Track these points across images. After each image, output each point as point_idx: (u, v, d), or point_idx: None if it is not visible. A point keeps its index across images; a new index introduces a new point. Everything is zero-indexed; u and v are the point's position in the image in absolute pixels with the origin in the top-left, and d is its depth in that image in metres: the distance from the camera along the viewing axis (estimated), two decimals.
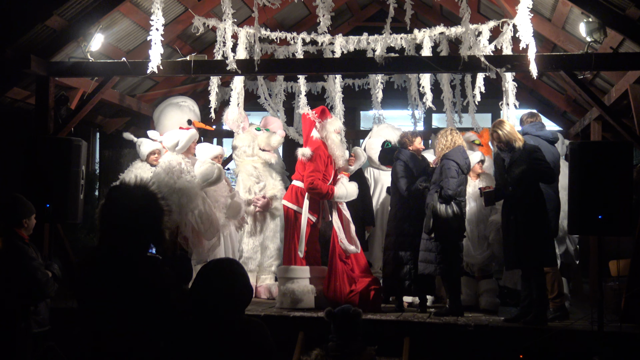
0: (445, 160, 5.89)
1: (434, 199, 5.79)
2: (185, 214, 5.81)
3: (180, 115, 7.25)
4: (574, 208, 5.23)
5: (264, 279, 7.03)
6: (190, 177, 5.97)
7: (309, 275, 6.15)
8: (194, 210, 5.85)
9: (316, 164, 6.12)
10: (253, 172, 6.95)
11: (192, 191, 5.88)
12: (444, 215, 5.73)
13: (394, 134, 7.40)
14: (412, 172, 6.14)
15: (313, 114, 6.29)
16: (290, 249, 6.18)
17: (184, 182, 5.91)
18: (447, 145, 5.94)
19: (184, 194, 5.83)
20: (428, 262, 5.86)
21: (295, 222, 6.18)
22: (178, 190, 5.84)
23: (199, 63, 6.19)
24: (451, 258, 5.82)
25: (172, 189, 5.84)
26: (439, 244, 5.81)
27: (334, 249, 6.13)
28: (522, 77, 7.44)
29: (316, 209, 6.28)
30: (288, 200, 6.30)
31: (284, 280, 6.14)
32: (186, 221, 5.80)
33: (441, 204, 5.76)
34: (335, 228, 6.14)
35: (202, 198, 6.03)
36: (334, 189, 6.16)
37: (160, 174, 5.99)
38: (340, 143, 6.31)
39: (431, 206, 5.79)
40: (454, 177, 5.81)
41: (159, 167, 6.12)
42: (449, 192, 5.76)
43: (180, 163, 6.10)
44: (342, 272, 6.08)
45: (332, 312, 4.37)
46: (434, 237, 5.79)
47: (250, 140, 7.01)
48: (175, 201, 5.80)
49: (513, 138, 5.57)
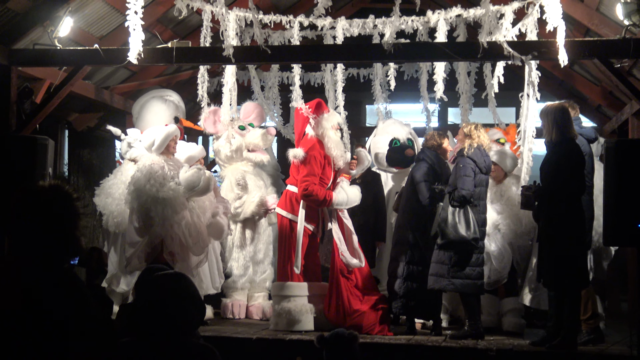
0: (460, 158, 5.90)
1: (445, 200, 5.80)
2: (170, 226, 5.77)
3: (165, 110, 7.26)
4: (609, 216, 5.19)
5: (256, 298, 7.02)
6: (175, 185, 5.93)
7: (307, 292, 6.15)
8: (181, 222, 5.81)
9: (311, 167, 6.09)
10: (240, 179, 6.91)
11: (177, 201, 5.84)
12: (455, 220, 5.72)
13: (403, 131, 7.37)
14: (438, 177, 6.15)
15: (306, 108, 6.26)
16: (286, 263, 6.16)
17: (168, 190, 5.87)
18: (471, 141, 5.93)
19: (168, 204, 5.79)
20: (439, 276, 5.84)
21: (290, 233, 6.16)
22: (162, 201, 5.80)
23: (182, 50, 6.17)
24: (468, 272, 5.79)
25: (155, 199, 5.80)
26: (452, 254, 5.79)
27: (334, 263, 6.11)
28: (550, 66, 7.40)
29: (314, 217, 6.25)
30: (282, 207, 6.28)
31: (279, 298, 6.13)
32: (172, 234, 5.76)
33: (454, 206, 5.74)
34: (335, 239, 6.14)
35: (190, 208, 5.99)
36: (333, 194, 6.13)
37: (140, 180, 5.93)
38: (338, 141, 6.29)
39: (441, 208, 5.78)
40: (469, 176, 5.79)
41: (138, 171, 6.06)
42: (462, 193, 5.73)
43: (162, 167, 6.03)
44: (344, 289, 6.07)
45: (323, 337, 4.33)
46: (441, 245, 5.77)
47: (235, 142, 7.01)
48: (159, 212, 5.78)
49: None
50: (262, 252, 7.05)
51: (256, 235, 7.02)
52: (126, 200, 6.07)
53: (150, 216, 5.79)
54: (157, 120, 7.04)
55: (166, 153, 6.20)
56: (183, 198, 5.92)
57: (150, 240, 5.80)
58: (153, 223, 5.78)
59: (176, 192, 5.88)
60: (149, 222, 5.81)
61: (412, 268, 6.15)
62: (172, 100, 7.45)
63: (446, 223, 5.73)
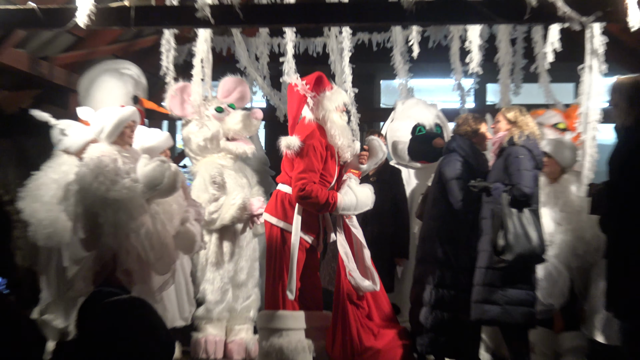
0: (512, 148, 5.95)
1: (503, 201, 5.80)
2: (125, 236, 5.75)
3: (120, 87, 7.33)
4: None
5: (237, 331, 7.04)
6: (130, 182, 5.90)
7: (305, 325, 6.17)
8: (139, 231, 5.79)
9: (309, 160, 6.08)
10: (216, 175, 6.93)
11: (133, 203, 5.83)
12: (525, 227, 5.76)
13: (430, 115, 7.37)
14: (473, 172, 6.20)
15: (303, 84, 6.26)
16: (276, 286, 6.17)
17: (122, 189, 5.85)
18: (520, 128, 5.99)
19: (121, 207, 5.79)
20: (489, 303, 5.85)
21: (282, 246, 6.16)
22: (113, 203, 5.78)
23: (143, 10, 6.18)
24: (523, 296, 5.86)
25: (104, 201, 5.79)
26: (506, 274, 5.82)
27: (340, 286, 6.10)
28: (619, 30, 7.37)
29: (313, 226, 6.26)
30: (272, 213, 6.28)
31: (268, 332, 6.15)
32: (128, 247, 5.74)
33: (513, 209, 5.78)
34: (341, 255, 6.13)
35: (152, 213, 5.97)
36: (338, 196, 6.13)
37: (85, 178, 5.92)
38: (345, 126, 6.30)
39: (500, 214, 5.80)
40: (529, 170, 5.86)
41: (85, 165, 6.06)
42: (526, 190, 5.78)
43: (115, 160, 6.04)
44: (353, 319, 6.08)
45: None
46: (507, 262, 5.76)
47: (210, 128, 7.03)
48: (110, 218, 5.77)
49: None
50: (245, 272, 7.05)
51: (237, 250, 7.03)
52: (67, 205, 6.04)
53: (99, 223, 5.78)
54: (110, 99, 7.08)
55: (121, 142, 6.21)
56: (142, 199, 5.92)
57: (99, 255, 5.80)
58: (102, 232, 5.75)
59: (132, 191, 5.87)
60: (97, 232, 5.80)
61: (442, 293, 6.16)
62: (130, 74, 7.52)
63: (508, 231, 5.76)
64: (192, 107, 7.12)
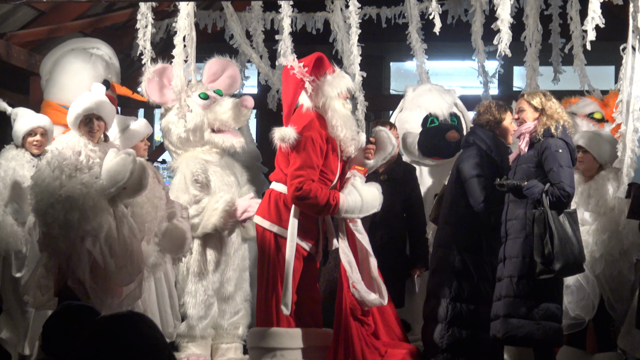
0: (550, 141, 5.96)
1: (545, 202, 5.83)
2: (79, 239, 5.77)
3: (89, 70, 7.32)
4: None
5: (224, 351, 7.06)
6: (89, 177, 5.92)
7: (302, 344, 6.17)
8: (98, 234, 5.82)
9: (307, 155, 6.06)
10: (199, 172, 6.93)
11: (89, 201, 5.83)
12: (568, 232, 5.79)
13: (444, 103, 7.38)
14: (496, 167, 6.24)
15: (300, 66, 6.24)
16: (269, 300, 6.16)
17: (75, 185, 5.87)
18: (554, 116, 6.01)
19: (73, 206, 5.79)
20: (520, 318, 5.86)
21: (276, 254, 6.16)
22: (64, 200, 5.80)
23: None
24: (554, 310, 5.89)
25: (55, 197, 5.80)
26: (539, 285, 5.83)
27: (342, 300, 6.11)
28: None
29: (312, 231, 6.27)
30: (264, 216, 6.25)
31: (260, 352, 6.17)
32: (81, 252, 5.76)
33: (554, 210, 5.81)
34: (343, 264, 6.13)
35: (118, 215, 5.99)
36: (340, 196, 6.12)
37: (42, 171, 5.95)
38: (348, 116, 6.27)
39: (541, 217, 5.80)
40: (569, 167, 5.90)
41: (46, 158, 6.11)
42: (568, 190, 5.83)
43: (78, 152, 6.05)
44: (357, 337, 6.05)
45: None
46: (555, 271, 5.77)
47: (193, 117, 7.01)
48: (59, 217, 5.77)
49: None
50: (233, 283, 7.06)
51: (223, 258, 7.03)
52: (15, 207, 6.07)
53: (47, 222, 5.81)
54: (76, 84, 7.09)
55: (87, 136, 6.18)
56: (101, 198, 5.90)
57: (50, 259, 5.83)
58: (52, 233, 5.79)
59: (88, 188, 5.86)
60: (48, 232, 5.82)
61: (459, 307, 6.19)
62: (100, 54, 7.47)
63: (554, 237, 5.77)
64: (174, 93, 7.04)
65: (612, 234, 6.46)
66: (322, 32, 8.50)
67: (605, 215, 6.47)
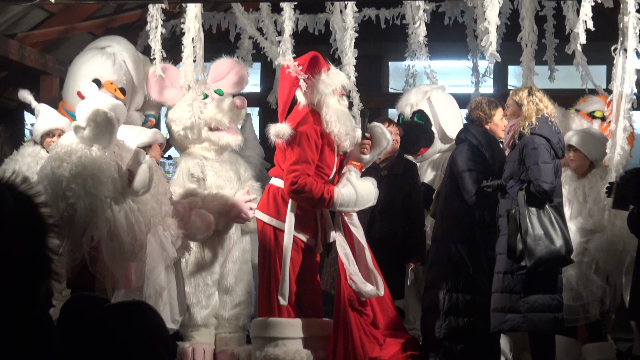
0: (528, 138, 5.97)
1: (520, 200, 5.85)
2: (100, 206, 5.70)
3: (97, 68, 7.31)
4: None
5: (227, 340, 7.03)
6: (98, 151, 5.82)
7: (303, 334, 6.19)
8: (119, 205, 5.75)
9: (302, 150, 6.09)
10: (195, 167, 6.96)
11: (104, 170, 5.72)
12: (546, 227, 5.81)
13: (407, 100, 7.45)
14: (487, 163, 6.29)
15: (295, 65, 6.26)
16: (270, 291, 6.19)
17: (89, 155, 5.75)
18: (529, 114, 6.00)
19: (90, 174, 5.66)
20: (509, 311, 5.92)
21: (276, 247, 6.19)
22: (84, 170, 5.65)
23: None
24: (546, 301, 5.93)
25: (72, 172, 5.67)
26: (528, 278, 5.87)
27: (340, 291, 6.14)
28: None
29: (309, 224, 6.30)
30: (263, 210, 6.30)
31: (262, 341, 6.18)
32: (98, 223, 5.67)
33: (532, 207, 5.83)
34: (340, 257, 6.15)
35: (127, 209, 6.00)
36: (335, 190, 6.13)
37: (50, 163, 5.82)
38: (343, 112, 6.28)
39: (516, 214, 5.84)
40: (547, 162, 5.89)
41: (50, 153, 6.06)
42: (544, 187, 5.82)
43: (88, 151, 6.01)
44: (355, 328, 6.09)
45: None
46: (527, 268, 5.81)
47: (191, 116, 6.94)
48: (79, 186, 5.64)
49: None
50: (233, 275, 7.03)
51: (221, 250, 7.00)
52: None
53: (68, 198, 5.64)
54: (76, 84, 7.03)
55: None
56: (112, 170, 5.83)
57: (72, 242, 5.70)
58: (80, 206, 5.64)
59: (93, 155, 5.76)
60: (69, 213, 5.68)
61: (456, 298, 6.22)
62: (113, 52, 7.41)
63: (527, 233, 5.80)
64: (175, 92, 7.05)
65: (607, 231, 6.47)
66: (323, 33, 8.52)
67: (601, 214, 6.46)
